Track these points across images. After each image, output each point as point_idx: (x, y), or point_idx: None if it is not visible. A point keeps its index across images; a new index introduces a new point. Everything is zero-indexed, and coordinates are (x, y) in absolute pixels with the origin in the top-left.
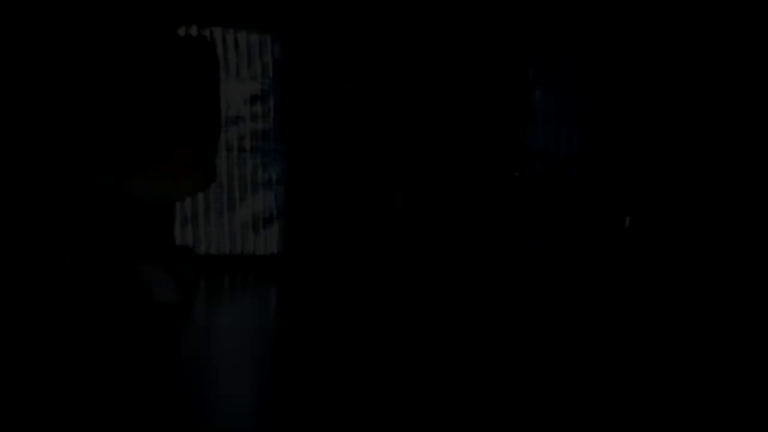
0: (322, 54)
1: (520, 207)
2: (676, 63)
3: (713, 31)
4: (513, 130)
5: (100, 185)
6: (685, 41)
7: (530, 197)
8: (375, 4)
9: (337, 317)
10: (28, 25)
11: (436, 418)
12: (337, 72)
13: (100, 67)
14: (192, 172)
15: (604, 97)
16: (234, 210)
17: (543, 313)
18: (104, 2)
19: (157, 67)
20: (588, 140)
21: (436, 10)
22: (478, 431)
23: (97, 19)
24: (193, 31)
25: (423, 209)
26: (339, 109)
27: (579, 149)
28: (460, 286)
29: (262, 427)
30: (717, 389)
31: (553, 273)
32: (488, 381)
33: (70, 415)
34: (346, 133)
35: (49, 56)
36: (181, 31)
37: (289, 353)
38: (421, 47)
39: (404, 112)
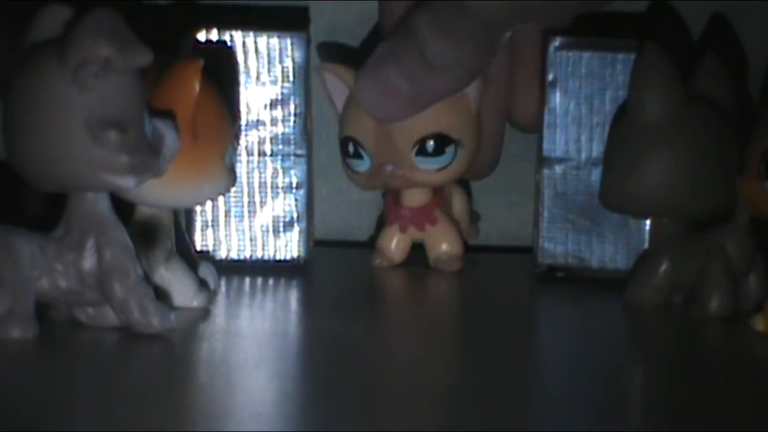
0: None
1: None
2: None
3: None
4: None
5: (117, 189)
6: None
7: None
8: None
9: (361, 321)
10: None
11: (462, 424)
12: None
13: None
14: (211, 176)
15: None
16: (254, 214)
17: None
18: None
19: (176, 70)
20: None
21: None
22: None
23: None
24: (213, 34)
25: None
26: None
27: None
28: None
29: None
30: None
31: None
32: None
33: (86, 417)
34: None
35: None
36: (201, 35)
37: (311, 358)
38: None
39: None
